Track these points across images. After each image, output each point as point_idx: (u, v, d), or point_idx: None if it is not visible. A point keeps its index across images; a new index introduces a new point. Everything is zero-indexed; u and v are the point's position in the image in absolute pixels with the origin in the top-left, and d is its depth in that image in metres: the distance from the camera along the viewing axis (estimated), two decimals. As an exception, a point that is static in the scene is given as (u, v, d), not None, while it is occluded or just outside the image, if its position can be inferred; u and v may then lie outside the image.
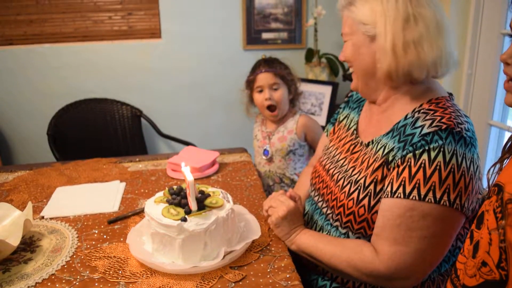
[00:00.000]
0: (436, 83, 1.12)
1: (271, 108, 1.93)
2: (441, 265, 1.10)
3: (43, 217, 1.35)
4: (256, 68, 1.95)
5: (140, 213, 1.36)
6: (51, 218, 1.34)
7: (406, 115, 1.07)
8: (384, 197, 1.02)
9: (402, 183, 0.98)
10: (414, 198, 0.96)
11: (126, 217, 1.34)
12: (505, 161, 0.78)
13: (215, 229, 1.05)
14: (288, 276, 1.04)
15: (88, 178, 1.67)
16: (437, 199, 0.94)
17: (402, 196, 0.97)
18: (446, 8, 2.16)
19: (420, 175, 0.96)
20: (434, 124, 0.98)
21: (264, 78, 1.90)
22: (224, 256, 1.06)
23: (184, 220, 1.03)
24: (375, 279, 1.02)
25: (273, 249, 1.15)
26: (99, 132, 2.71)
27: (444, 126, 0.97)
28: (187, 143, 2.69)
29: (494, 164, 0.81)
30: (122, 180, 1.64)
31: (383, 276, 1.00)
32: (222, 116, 3.04)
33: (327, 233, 1.17)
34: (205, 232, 1.03)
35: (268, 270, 1.06)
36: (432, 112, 1.02)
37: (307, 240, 1.14)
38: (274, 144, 1.93)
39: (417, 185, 0.96)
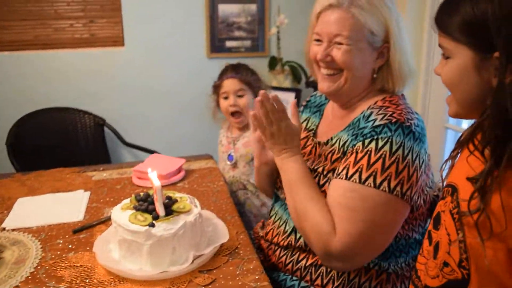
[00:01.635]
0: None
1: (235, 114, 1.94)
2: (399, 255, 1.14)
3: (4, 229, 1.31)
4: (223, 74, 1.96)
5: (106, 221, 1.35)
6: (12, 230, 1.31)
7: (362, 111, 1.14)
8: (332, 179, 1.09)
9: (347, 166, 1.05)
10: (354, 180, 1.02)
11: (92, 226, 1.32)
12: (457, 157, 0.83)
13: (183, 234, 1.06)
14: (257, 277, 1.06)
15: (50, 188, 1.63)
16: (377, 185, 1.00)
17: (344, 177, 1.04)
18: (402, 14, 2.25)
19: (364, 161, 1.02)
20: (385, 118, 1.06)
21: (230, 84, 1.91)
22: (193, 261, 1.07)
23: (152, 225, 1.03)
24: (324, 253, 1.04)
25: (241, 252, 1.17)
26: (61, 142, 2.65)
27: (394, 119, 1.05)
28: (152, 152, 2.66)
29: (446, 160, 0.86)
30: (86, 189, 1.61)
31: (331, 252, 1.02)
32: (187, 124, 3.03)
33: (294, 228, 1.19)
34: (173, 237, 1.04)
35: (237, 272, 1.08)
36: (385, 107, 1.10)
37: (294, 170, 1.12)
38: (239, 149, 1.94)
39: (359, 170, 1.02)
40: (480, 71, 0.76)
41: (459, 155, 0.83)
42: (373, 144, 1.03)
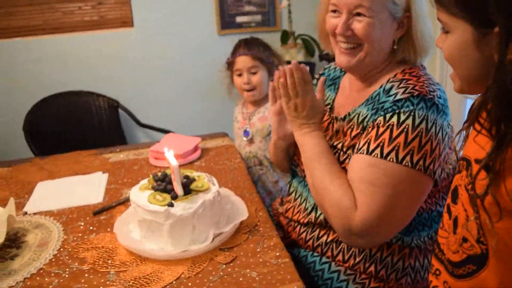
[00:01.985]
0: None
1: (249, 90, 1.93)
2: (422, 229, 1.11)
3: (26, 213, 1.33)
4: (235, 50, 1.94)
5: (125, 202, 1.35)
6: (34, 213, 1.32)
7: (381, 85, 1.10)
8: (353, 154, 1.06)
9: (368, 141, 1.02)
10: (376, 155, 0.99)
11: (111, 207, 1.33)
12: (470, 127, 0.79)
13: (202, 212, 1.06)
14: (278, 254, 1.05)
15: (69, 171, 1.64)
16: (399, 160, 0.97)
17: (365, 152, 1.01)
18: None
19: (386, 135, 1.00)
20: (407, 91, 1.02)
21: (242, 61, 1.89)
22: (213, 239, 1.07)
23: (171, 205, 1.03)
24: (344, 229, 1.01)
25: (261, 229, 1.16)
26: (76, 125, 2.67)
27: (416, 92, 1.01)
28: (166, 131, 2.65)
29: (459, 132, 0.82)
30: (104, 171, 1.62)
31: (351, 228, 0.99)
32: (200, 102, 3.02)
33: (314, 206, 1.18)
34: (192, 215, 1.04)
35: (258, 249, 1.07)
36: (405, 80, 1.06)
37: (314, 145, 1.11)
38: (255, 124, 1.93)
39: (381, 144, 0.99)
40: (480, 46, 0.72)
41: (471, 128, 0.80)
42: (395, 118, 1.00)
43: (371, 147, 1.01)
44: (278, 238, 1.12)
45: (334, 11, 1.10)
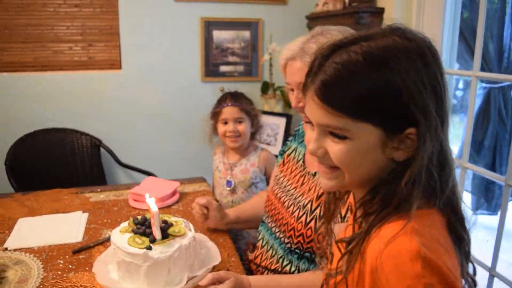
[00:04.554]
0: None
1: (232, 137, 2.00)
2: None
3: (6, 249, 1.38)
4: (222, 101, 2.03)
5: (104, 242, 1.42)
6: (15, 250, 1.37)
7: None
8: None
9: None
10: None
11: (91, 247, 1.39)
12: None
13: (178, 256, 1.14)
14: (246, 298, 1.13)
15: (50, 209, 1.70)
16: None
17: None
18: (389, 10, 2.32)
19: None
20: None
21: (230, 111, 1.98)
22: (187, 282, 1.15)
23: (149, 248, 1.11)
24: None
25: (232, 274, 1.24)
26: (57, 162, 2.72)
27: None
28: (146, 172, 2.74)
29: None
30: (84, 210, 1.68)
31: None
32: (180, 145, 3.12)
33: (281, 256, 1.28)
34: (169, 259, 1.12)
35: (228, 293, 1.15)
36: None
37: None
38: (237, 175, 2.00)
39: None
40: (385, 148, 0.72)
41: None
42: None
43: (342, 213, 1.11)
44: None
45: (291, 89, 1.30)
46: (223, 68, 3.09)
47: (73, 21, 2.85)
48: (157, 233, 1.14)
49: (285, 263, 1.28)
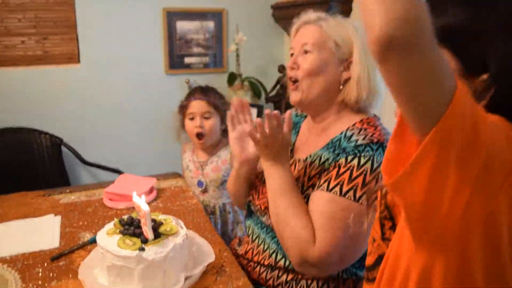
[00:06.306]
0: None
1: (199, 135, 1.94)
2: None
3: (-26, 260, 1.26)
4: (190, 95, 1.96)
5: (84, 246, 1.32)
6: (-16, 260, 1.26)
7: (341, 132, 1.20)
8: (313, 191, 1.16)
9: (328, 179, 1.12)
10: (335, 193, 1.09)
11: (70, 252, 1.29)
12: None
13: (173, 256, 1.07)
14: (247, 294, 1.09)
15: (17, 214, 1.57)
16: (357, 198, 1.07)
17: (325, 189, 1.11)
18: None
19: (346, 175, 1.10)
20: (367, 138, 1.13)
21: (197, 105, 1.92)
22: (184, 282, 1.08)
23: (142, 249, 1.04)
24: (300, 258, 1.10)
25: (227, 269, 1.20)
26: (16, 164, 2.54)
27: (376, 140, 1.12)
28: (112, 170, 2.62)
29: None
30: (56, 213, 1.57)
31: (307, 259, 1.09)
32: (147, 141, 3.00)
33: (274, 250, 1.25)
34: (164, 259, 1.05)
35: (227, 291, 1.10)
36: (364, 129, 1.17)
37: (282, 177, 1.17)
38: (208, 174, 1.94)
39: (340, 183, 1.09)
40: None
41: None
42: (355, 161, 1.10)
43: (331, 184, 1.11)
44: (245, 278, 1.16)
45: (291, 54, 1.25)
46: (187, 60, 2.99)
47: (25, 13, 2.66)
48: (149, 233, 1.07)
49: (278, 257, 1.25)
